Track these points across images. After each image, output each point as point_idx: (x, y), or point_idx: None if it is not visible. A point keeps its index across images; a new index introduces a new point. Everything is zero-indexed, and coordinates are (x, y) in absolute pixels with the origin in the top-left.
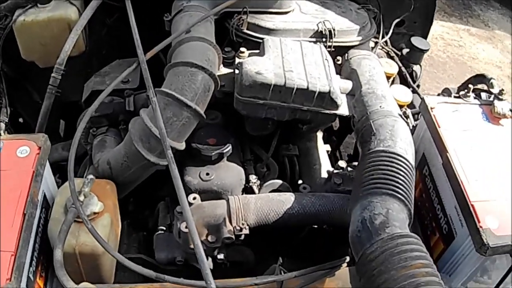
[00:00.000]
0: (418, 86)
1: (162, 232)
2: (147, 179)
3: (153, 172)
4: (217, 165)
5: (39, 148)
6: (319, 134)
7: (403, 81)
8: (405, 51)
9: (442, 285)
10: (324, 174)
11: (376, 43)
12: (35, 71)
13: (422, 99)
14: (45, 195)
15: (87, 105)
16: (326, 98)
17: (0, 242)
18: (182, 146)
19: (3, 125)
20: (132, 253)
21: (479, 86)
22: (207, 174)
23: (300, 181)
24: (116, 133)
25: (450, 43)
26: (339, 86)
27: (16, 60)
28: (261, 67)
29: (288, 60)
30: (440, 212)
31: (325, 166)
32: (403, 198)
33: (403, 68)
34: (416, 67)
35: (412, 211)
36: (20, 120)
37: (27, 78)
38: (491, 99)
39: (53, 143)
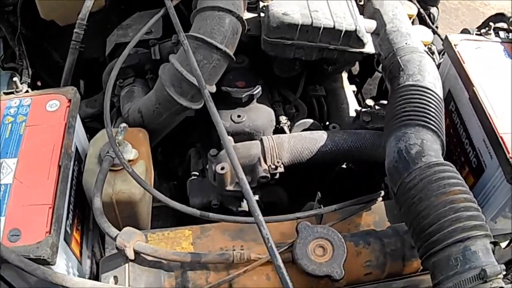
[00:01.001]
0: (436, 27)
1: (195, 177)
2: (175, 127)
3: (182, 119)
4: (248, 107)
5: (69, 100)
6: (344, 75)
7: (422, 23)
8: None
9: (480, 211)
10: (352, 113)
11: None
12: (54, 30)
13: (446, 36)
14: (77, 148)
15: (111, 59)
16: (353, 37)
17: (36, 196)
18: (213, 89)
19: (25, 86)
20: None
21: (499, 25)
22: (239, 116)
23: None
24: (144, 83)
25: None
26: (364, 26)
27: (34, 20)
28: (287, 8)
29: (312, 1)
30: (468, 146)
31: (353, 105)
32: (435, 129)
33: (421, 10)
34: (433, 9)
35: (445, 143)
36: (39, 83)
37: (47, 38)
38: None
39: None
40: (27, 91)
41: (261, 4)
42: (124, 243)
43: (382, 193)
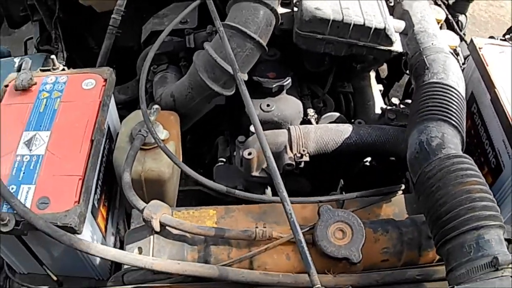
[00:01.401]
0: (464, 34)
1: (222, 163)
2: (205, 115)
3: (212, 106)
4: (277, 97)
5: (105, 80)
6: (372, 74)
7: (450, 29)
8: (451, 0)
9: (495, 202)
10: (378, 111)
11: None
12: (91, 16)
13: (471, 39)
14: (109, 127)
15: (146, 46)
16: (382, 35)
17: (67, 167)
18: (245, 77)
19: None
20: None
21: None
22: (268, 105)
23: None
24: (177, 70)
25: (492, 3)
26: (393, 25)
27: (72, 5)
28: (320, 4)
29: (344, 0)
30: (488, 147)
31: (379, 104)
32: (456, 124)
33: (449, 16)
34: (461, 17)
35: (464, 139)
36: None
37: (83, 23)
38: None
39: None
40: (63, 70)
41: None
42: (151, 214)
43: (403, 186)
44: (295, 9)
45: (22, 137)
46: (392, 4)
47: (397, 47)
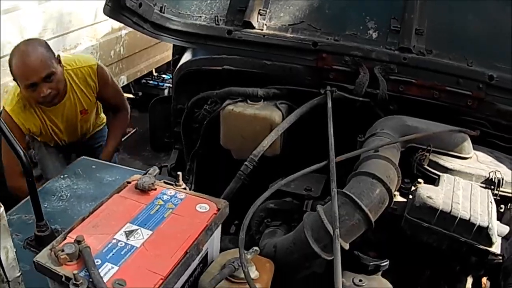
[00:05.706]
0: None
1: None
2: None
3: (308, 273)
4: (371, 276)
5: (218, 209)
6: (469, 280)
7: None
8: None
9: None
10: None
11: None
12: (226, 160)
13: None
14: (207, 253)
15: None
16: (483, 233)
17: (154, 264)
18: (346, 246)
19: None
20: None
21: None
22: (360, 280)
23: None
24: (287, 229)
25: None
26: (497, 228)
27: (213, 145)
28: (433, 193)
29: (457, 195)
30: None
31: None
32: None
33: None
34: None
35: None
36: None
37: (217, 164)
38: None
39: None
40: (184, 189)
41: (413, 188)
42: None
43: None
44: (410, 196)
45: (125, 227)
46: (502, 210)
47: (496, 249)
